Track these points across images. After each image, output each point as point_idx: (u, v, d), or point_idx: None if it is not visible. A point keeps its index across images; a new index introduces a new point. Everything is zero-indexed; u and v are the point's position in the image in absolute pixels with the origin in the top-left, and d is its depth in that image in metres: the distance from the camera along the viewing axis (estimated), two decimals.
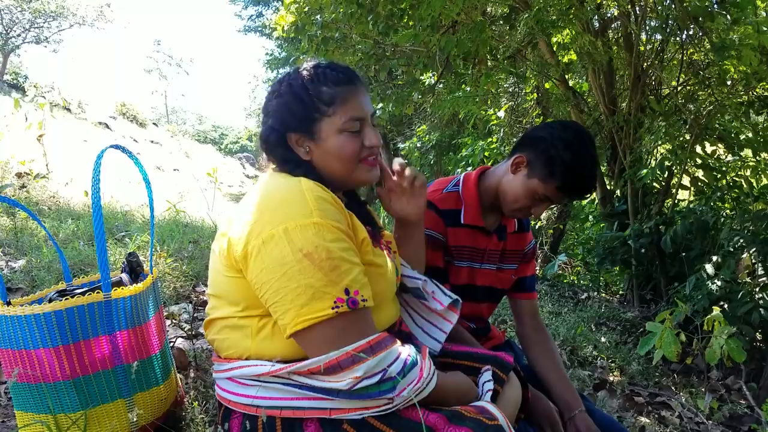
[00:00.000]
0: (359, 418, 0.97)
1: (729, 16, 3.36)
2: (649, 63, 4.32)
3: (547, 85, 5.35)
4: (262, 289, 0.97)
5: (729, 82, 3.96)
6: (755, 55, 3.17)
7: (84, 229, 3.09)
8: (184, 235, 3.27)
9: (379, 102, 5.65)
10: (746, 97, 4.01)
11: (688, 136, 4.06)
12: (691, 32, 3.98)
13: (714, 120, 4.09)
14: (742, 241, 3.25)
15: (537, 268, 5.32)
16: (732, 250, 3.29)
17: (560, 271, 5.50)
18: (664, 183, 4.41)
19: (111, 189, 5.99)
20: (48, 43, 24.84)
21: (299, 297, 0.93)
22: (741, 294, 3.01)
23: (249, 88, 65.38)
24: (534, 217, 1.50)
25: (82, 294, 1.13)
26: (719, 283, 3.16)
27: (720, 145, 4.25)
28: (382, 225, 1.26)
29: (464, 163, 6.31)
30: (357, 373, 0.91)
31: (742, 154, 4.17)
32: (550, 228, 6.28)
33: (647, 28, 4.38)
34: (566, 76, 4.92)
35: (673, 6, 3.72)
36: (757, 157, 4.05)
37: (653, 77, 4.42)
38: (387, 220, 3.73)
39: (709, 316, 2.42)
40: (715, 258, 3.34)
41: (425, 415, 0.98)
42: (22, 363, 1.06)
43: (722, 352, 2.29)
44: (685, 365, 3.07)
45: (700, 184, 4.17)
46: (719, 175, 4.06)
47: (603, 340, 3.32)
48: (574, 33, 4.24)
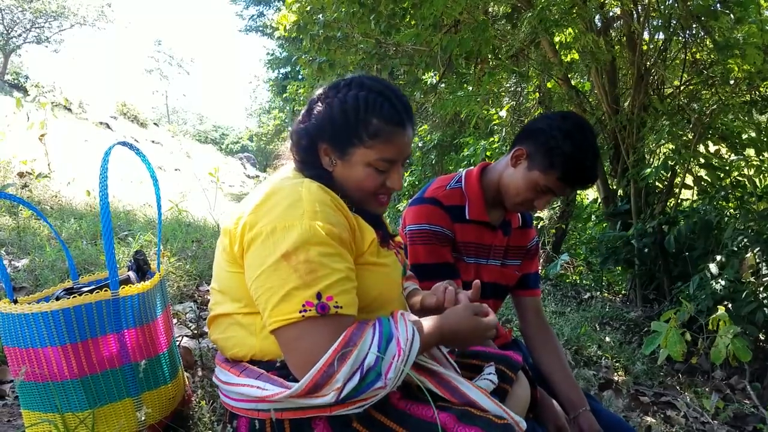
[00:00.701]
0: (365, 414, 0.98)
1: (732, 15, 3.36)
2: (652, 62, 4.30)
3: (550, 85, 5.34)
4: (248, 284, 0.99)
5: (732, 82, 3.95)
6: (759, 54, 3.16)
7: (87, 229, 3.09)
8: (187, 235, 3.28)
9: None
10: (749, 97, 4.00)
11: (691, 136, 4.04)
12: (694, 31, 3.97)
13: (717, 119, 4.09)
14: (745, 240, 3.24)
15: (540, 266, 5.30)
16: (736, 249, 3.28)
17: (563, 271, 5.50)
18: (667, 182, 4.40)
19: (112, 188, 5.96)
20: (49, 43, 24.87)
21: (272, 297, 0.94)
22: (745, 293, 3.00)
23: (250, 88, 65.38)
24: (537, 209, 1.50)
25: (90, 292, 1.12)
26: (723, 282, 3.15)
27: (723, 144, 4.24)
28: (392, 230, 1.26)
29: (466, 162, 6.30)
30: (337, 384, 0.91)
31: (745, 153, 4.16)
32: (552, 228, 6.27)
33: (650, 27, 4.37)
34: (569, 76, 4.91)
35: (677, 5, 3.72)
36: (761, 157, 4.03)
37: (656, 76, 4.41)
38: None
39: (714, 316, 2.42)
40: (718, 257, 3.33)
41: (435, 413, 0.97)
42: (30, 361, 1.05)
43: (728, 352, 2.28)
44: (689, 365, 3.06)
45: (703, 183, 4.15)
46: (722, 175, 4.04)
47: (607, 339, 3.32)
48: (576, 32, 4.22)
